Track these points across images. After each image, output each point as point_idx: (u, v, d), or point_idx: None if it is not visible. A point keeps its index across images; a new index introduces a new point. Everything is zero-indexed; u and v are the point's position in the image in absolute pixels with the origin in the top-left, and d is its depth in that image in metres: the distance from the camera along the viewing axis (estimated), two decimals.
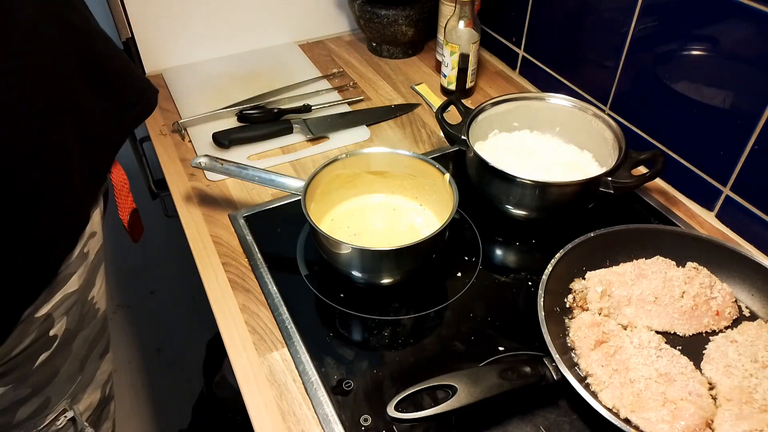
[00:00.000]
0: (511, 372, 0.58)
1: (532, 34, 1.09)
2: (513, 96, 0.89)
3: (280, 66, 1.17)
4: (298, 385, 0.63)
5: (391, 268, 0.70)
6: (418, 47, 1.25)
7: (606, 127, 0.83)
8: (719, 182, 0.81)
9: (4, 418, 0.61)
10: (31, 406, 0.62)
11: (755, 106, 0.72)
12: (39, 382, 0.62)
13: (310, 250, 0.78)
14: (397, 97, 1.11)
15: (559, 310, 0.68)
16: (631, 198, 0.87)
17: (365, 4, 1.16)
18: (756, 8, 0.69)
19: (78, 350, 0.66)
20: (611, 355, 0.61)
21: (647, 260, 0.71)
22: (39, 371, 0.60)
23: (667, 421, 0.55)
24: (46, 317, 0.58)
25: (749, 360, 0.61)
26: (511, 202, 0.78)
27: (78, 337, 0.65)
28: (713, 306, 0.67)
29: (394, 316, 0.70)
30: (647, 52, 0.85)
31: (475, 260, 0.77)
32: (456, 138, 0.84)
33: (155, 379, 1.57)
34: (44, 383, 0.62)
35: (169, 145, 0.98)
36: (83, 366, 0.68)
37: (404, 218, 0.80)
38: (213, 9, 1.15)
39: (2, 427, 0.61)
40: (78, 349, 0.66)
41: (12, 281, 0.53)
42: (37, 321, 0.57)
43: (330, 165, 0.76)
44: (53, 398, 0.65)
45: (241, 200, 0.87)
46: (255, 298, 0.72)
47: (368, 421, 0.59)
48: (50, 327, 0.60)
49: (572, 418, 0.59)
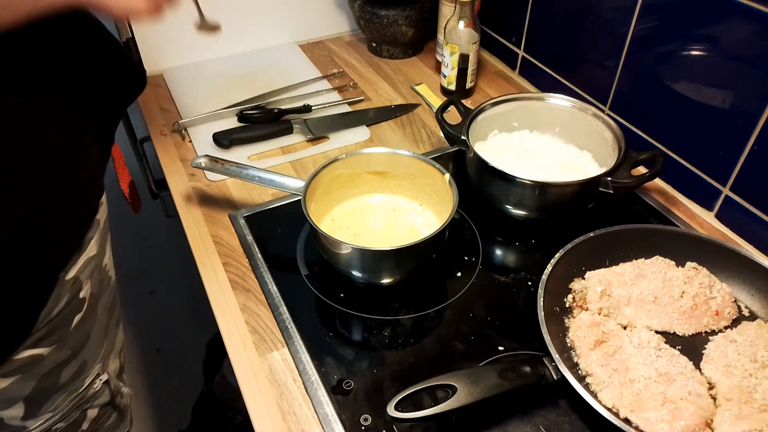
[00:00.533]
0: (511, 372, 0.58)
1: (532, 35, 1.09)
2: (513, 96, 0.89)
3: (280, 66, 1.17)
4: (298, 385, 0.63)
5: (391, 268, 0.70)
6: (418, 47, 1.25)
7: (606, 127, 0.83)
8: (719, 182, 0.81)
9: (50, 379, 0.65)
10: (71, 369, 0.67)
11: (755, 106, 0.72)
12: (76, 345, 0.66)
13: (310, 250, 0.78)
14: (397, 97, 1.11)
15: (559, 310, 0.68)
16: (630, 198, 0.87)
17: (365, 4, 1.16)
18: (756, 8, 0.69)
19: (101, 315, 0.70)
20: (611, 355, 0.62)
21: (647, 260, 0.71)
22: (74, 334, 0.65)
23: (667, 420, 0.55)
24: (74, 280, 0.62)
25: (749, 360, 0.61)
26: (511, 202, 0.78)
27: (99, 303, 0.69)
28: (713, 306, 0.67)
29: (394, 316, 0.70)
30: (647, 52, 0.85)
31: (475, 260, 0.77)
32: (456, 138, 0.84)
33: (155, 380, 1.58)
34: (80, 346, 0.67)
35: (170, 145, 0.98)
36: (107, 332, 0.73)
37: (404, 218, 0.80)
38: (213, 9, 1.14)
39: (49, 389, 0.65)
40: (101, 315, 0.70)
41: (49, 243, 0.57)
42: (68, 283, 0.61)
43: (330, 165, 0.76)
44: (89, 361, 0.70)
45: (241, 200, 0.87)
46: (255, 298, 0.72)
47: (368, 421, 0.59)
48: (79, 289, 0.64)
49: (572, 418, 0.59)
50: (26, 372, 0.62)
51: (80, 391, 0.70)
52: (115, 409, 0.79)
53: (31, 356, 0.61)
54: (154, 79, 1.14)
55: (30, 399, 0.64)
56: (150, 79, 1.14)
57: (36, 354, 0.61)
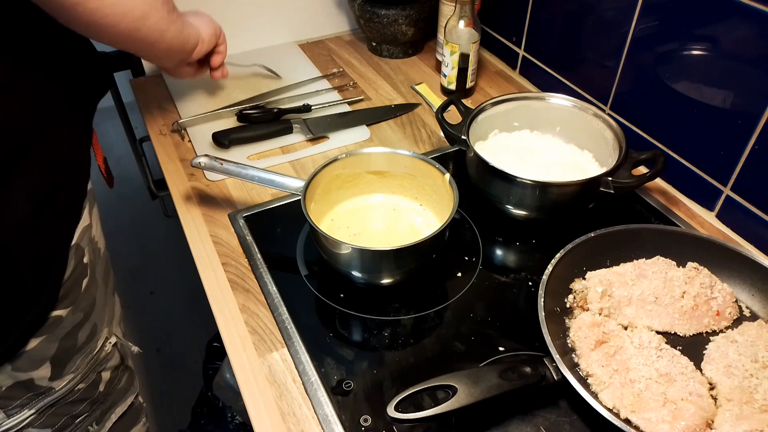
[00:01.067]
0: (512, 372, 0.58)
1: (533, 34, 1.09)
2: (513, 96, 0.89)
3: (280, 66, 1.17)
4: (298, 386, 0.63)
5: (391, 268, 0.70)
6: (418, 47, 1.25)
7: (606, 127, 0.83)
8: (719, 182, 0.81)
9: (70, 341, 0.70)
10: (85, 331, 0.72)
11: (755, 106, 0.72)
12: (86, 308, 0.71)
13: (310, 250, 0.78)
14: (397, 96, 1.11)
15: (560, 311, 0.68)
16: (631, 198, 0.87)
17: (365, 4, 1.16)
18: (756, 8, 0.69)
19: (100, 282, 0.75)
20: (612, 356, 0.61)
21: (648, 260, 0.71)
22: (84, 297, 0.70)
23: (668, 421, 0.55)
24: (77, 247, 0.67)
25: (750, 360, 0.61)
26: (511, 202, 0.78)
27: (96, 270, 0.73)
28: (714, 306, 0.67)
29: (394, 317, 0.70)
30: (647, 52, 0.85)
31: (475, 260, 0.77)
32: (456, 138, 0.84)
33: (155, 380, 1.57)
34: (89, 309, 0.72)
35: (169, 145, 0.98)
36: (106, 299, 0.78)
37: (404, 218, 0.80)
38: (213, 9, 1.14)
39: (69, 350, 0.71)
40: (99, 281, 0.75)
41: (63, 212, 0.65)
42: (72, 249, 0.67)
43: (330, 165, 0.76)
44: (98, 324, 0.75)
45: (240, 200, 0.87)
46: (255, 298, 0.72)
47: (368, 422, 0.59)
48: (82, 255, 0.69)
49: (572, 419, 0.59)
50: (50, 333, 0.67)
51: (94, 353, 0.75)
52: (126, 370, 0.85)
53: (54, 318, 0.66)
54: (154, 78, 1.14)
55: (54, 359, 0.69)
56: (150, 79, 1.14)
57: (57, 315, 0.67)
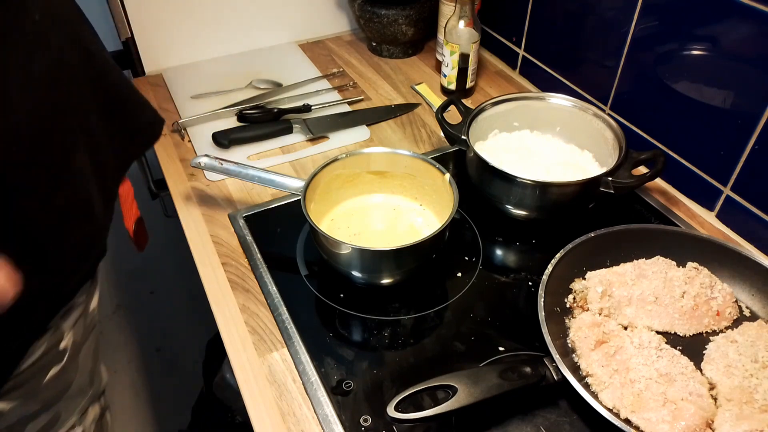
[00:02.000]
0: (512, 372, 0.58)
1: (533, 34, 1.09)
2: (513, 96, 0.89)
3: (280, 66, 1.17)
4: (298, 386, 0.63)
5: (391, 268, 0.70)
6: (418, 47, 1.25)
7: (606, 127, 0.83)
8: (719, 182, 0.81)
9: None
10: (39, 423, 0.62)
11: (755, 106, 0.72)
12: (48, 398, 0.62)
13: (310, 250, 0.78)
14: (397, 96, 1.11)
15: (560, 311, 0.68)
16: (631, 198, 0.87)
17: (365, 4, 1.16)
18: (756, 8, 0.69)
19: (84, 362, 0.66)
20: (612, 356, 0.61)
21: (647, 260, 0.71)
22: (49, 387, 0.60)
23: (668, 421, 0.55)
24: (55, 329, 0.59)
25: (750, 360, 0.61)
26: (511, 202, 0.78)
27: (81, 351, 0.66)
28: (714, 306, 0.67)
29: (394, 316, 0.70)
30: (647, 52, 0.85)
31: (475, 260, 0.77)
32: (456, 138, 0.84)
33: (155, 380, 1.57)
34: (54, 399, 0.62)
35: (169, 145, 0.98)
36: (92, 379, 0.69)
37: (404, 218, 0.80)
38: (213, 9, 1.14)
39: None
40: (83, 363, 0.66)
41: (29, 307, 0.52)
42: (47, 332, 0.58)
43: (330, 165, 0.76)
44: (63, 414, 0.65)
45: (240, 200, 0.87)
46: (255, 298, 0.72)
47: (368, 422, 0.59)
48: (60, 339, 0.60)
49: (572, 419, 0.59)
50: None
51: None
52: None
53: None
54: (154, 78, 1.14)
55: None
56: (150, 79, 1.14)
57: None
